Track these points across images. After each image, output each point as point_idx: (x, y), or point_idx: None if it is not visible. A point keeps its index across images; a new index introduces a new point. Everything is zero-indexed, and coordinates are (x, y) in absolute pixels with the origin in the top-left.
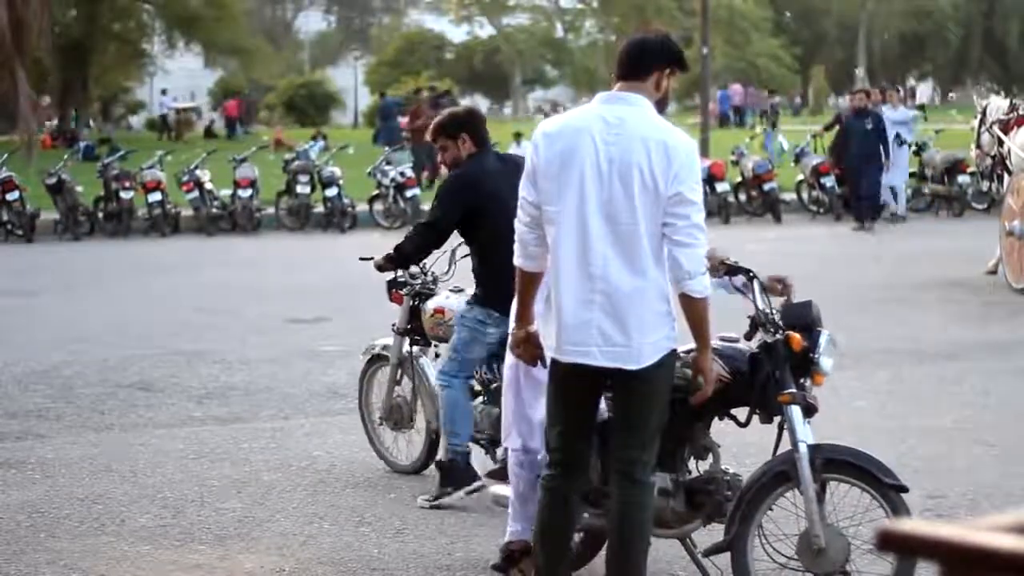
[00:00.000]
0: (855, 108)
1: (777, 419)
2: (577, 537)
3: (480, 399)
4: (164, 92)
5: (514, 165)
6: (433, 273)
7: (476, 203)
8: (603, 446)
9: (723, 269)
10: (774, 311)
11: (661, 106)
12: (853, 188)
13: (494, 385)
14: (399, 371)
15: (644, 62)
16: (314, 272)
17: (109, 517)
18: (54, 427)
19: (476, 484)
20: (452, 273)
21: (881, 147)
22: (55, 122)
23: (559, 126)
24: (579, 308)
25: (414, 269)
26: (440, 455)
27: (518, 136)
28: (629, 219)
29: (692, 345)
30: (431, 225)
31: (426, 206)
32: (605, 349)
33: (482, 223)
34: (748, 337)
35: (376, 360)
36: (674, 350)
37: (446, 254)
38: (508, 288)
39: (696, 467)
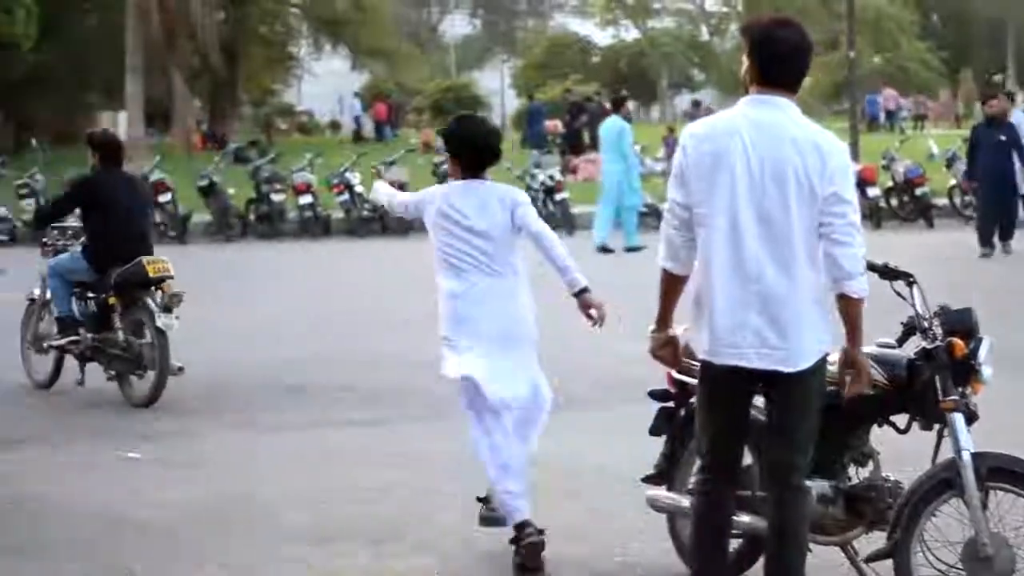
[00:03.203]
0: (987, 116)
1: (936, 426)
2: (735, 543)
3: None
4: (357, 95)
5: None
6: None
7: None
8: (759, 451)
9: (882, 273)
10: (934, 317)
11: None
12: (980, 209)
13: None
14: (42, 308)
15: (799, 71)
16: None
17: (263, 517)
18: (209, 426)
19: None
20: None
21: (1017, 162)
22: (205, 125)
23: (707, 128)
24: (734, 310)
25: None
26: None
27: (671, 130)
28: (783, 220)
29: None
30: (55, 204)
31: (576, 209)
32: (761, 351)
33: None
34: (900, 342)
35: (33, 302)
36: (827, 353)
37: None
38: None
39: (856, 474)
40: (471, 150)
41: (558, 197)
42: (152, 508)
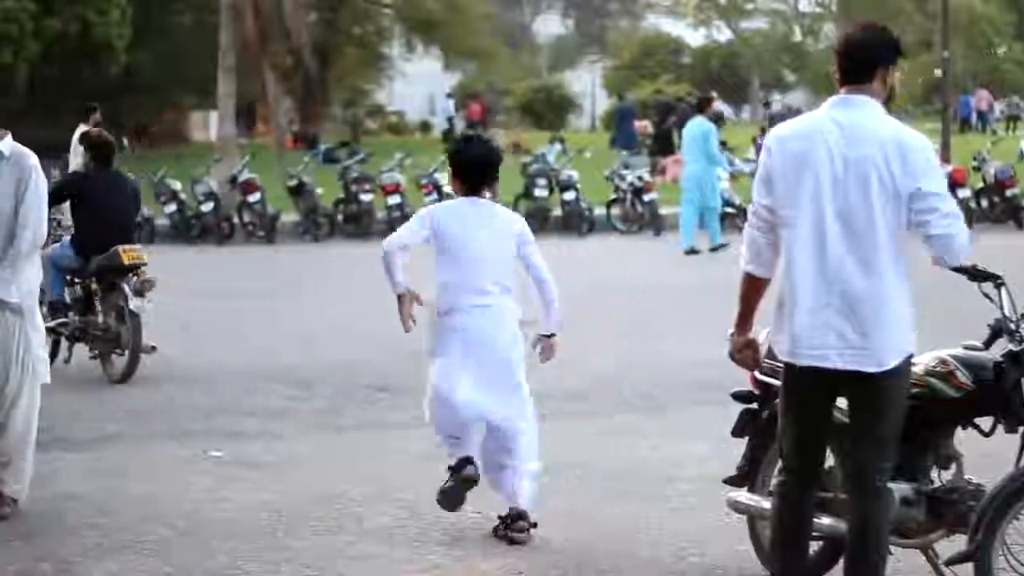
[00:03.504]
0: None
1: (1021, 429)
2: (815, 545)
3: None
4: (450, 95)
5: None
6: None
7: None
8: (841, 453)
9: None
10: (1022, 319)
11: (888, 101)
12: None
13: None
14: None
15: (868, 63)
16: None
17: (346, 517)
18: (292, 427)
19: None
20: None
21: None
22: (296, 125)
23: (792, 130)
24: (816, 310)
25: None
26: None
27: (763, 131)
28: (866, 220)
29: (933, 354)
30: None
31: (664, 210)
32: (843, 352)
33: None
34: (987, 345)
35: None
36: (911, 354)
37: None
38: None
39: (939, 476)
40: (472, 170)
41: (646, 198)
42: (233, 507)
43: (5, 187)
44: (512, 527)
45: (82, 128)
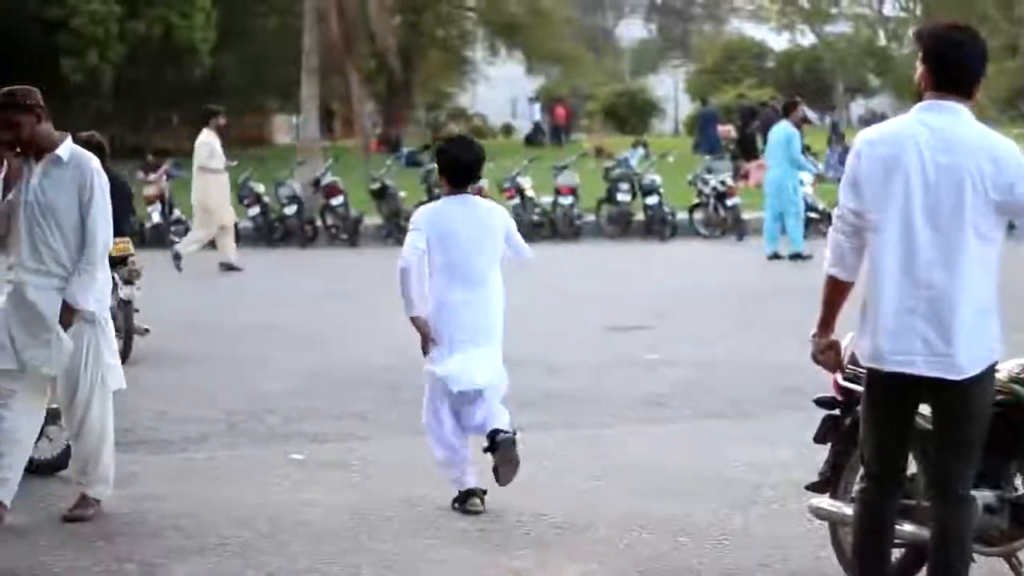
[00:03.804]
0: None
1: None
2: (897, 552)
3: None
4: (535, 99)
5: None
6: None
7: None
8: (924, 459)
9: None
10: None
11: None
12: None
13: None
14: None
15: (966, 80)
16: (634, 280)
17: (429, 520)
18: (376, 429)
19: None
20: None
21: None
22: (379, 128)
23: (881, 134)
24: (902, 316)
25: None
26: None
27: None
28: (956, 226)
29: (1018, 360)
30: None
31: (747, 215)
32: (928, 358)
33: None
34: None
35: None
36: (996, 362)
37: None
38: None
39: (1022, 484)
40: (458, 168)
41: (729, 202)
42: (316, 509)
43: (68, 194)
44: (466, 503)
45: (206, 132)
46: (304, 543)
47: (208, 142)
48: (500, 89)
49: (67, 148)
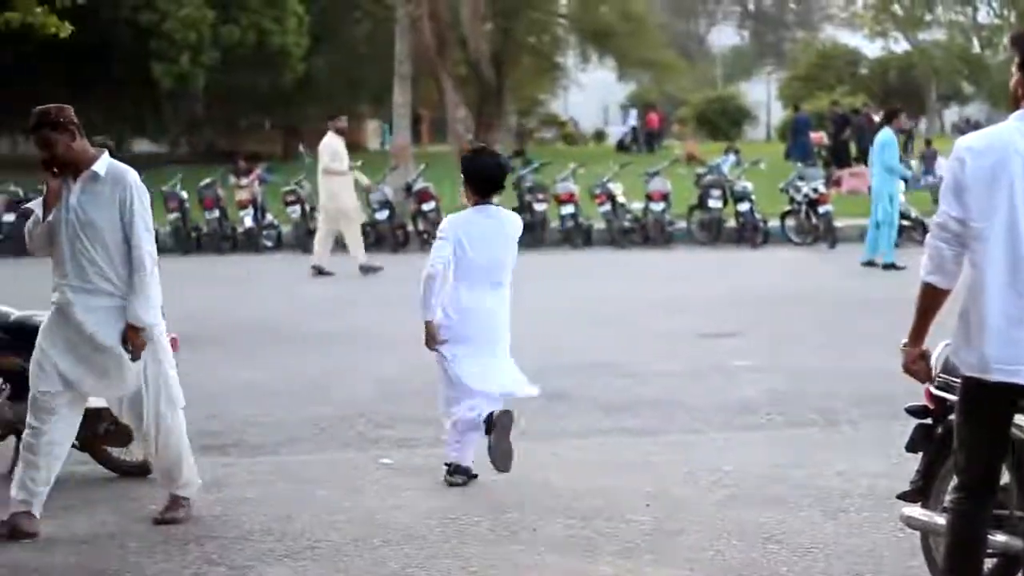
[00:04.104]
0: None
1: None
2: (989, 562)
3: None
4: (631, 105)
5: None
6: None
7: None
8: (1018, 470)
9: None
10: None
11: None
12: None
13: None
14: None
15: None
16: (726, 286)
17: (519, 526)
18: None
19: None
20: None
21: None
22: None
23: (982, 141)
24: (1008, 326)
25: None
26: None
27: (928, 143)
28: None
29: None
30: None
31: (839, 222)
32: None
33: None
34: None
35: None
36: None
37: None
38: None
39: None
40: (481, 180)
41: (821, 210)
42: (406, 514)
43: (108, 210)
44: (453, 475)
45: (329, 135)
46: (393, 547)
47: (331, 144)
48: (591, 95)
49: (103, 163)
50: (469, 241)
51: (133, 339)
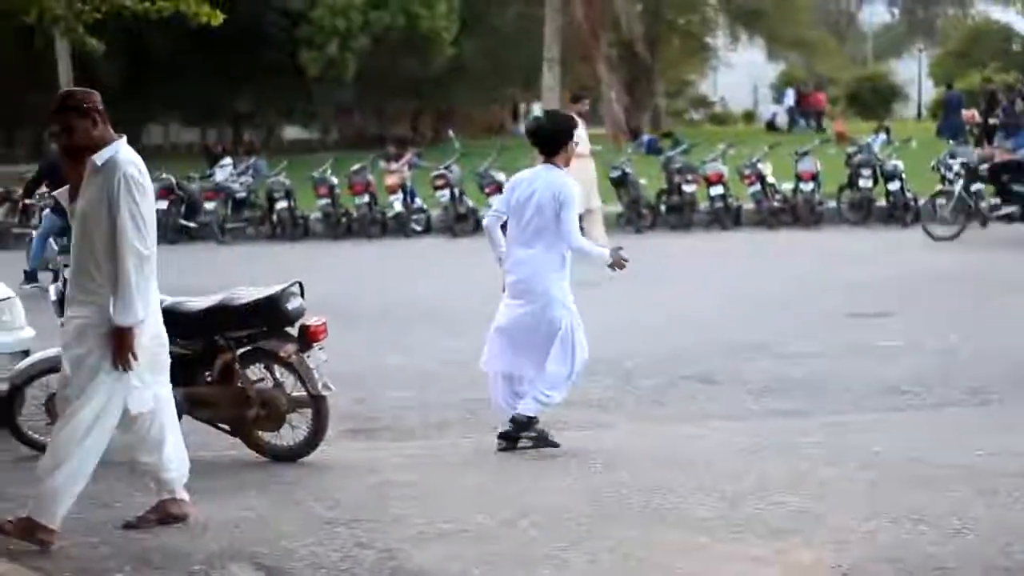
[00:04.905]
0: None
1: None
2: None
3: None
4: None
5: None
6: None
7: None
8: None
9: None
10: None
11: None
12: None
13: None
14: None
15: None
16: (876, 266)
17: (668, 508)
18: (616, 417)
19: None
20: None
21: None
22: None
23: None
24: None
25: None
26: None
27: None
28: None
29: None
30: (31, 180)
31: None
32: None
33: None
34: None
35: None
36: None
37: None
38: None
39: None
40: (539, 138)
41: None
42: (553, 496)
43: (97, 202)
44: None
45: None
46: (542, 530)
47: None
48: (741, 75)
49: (106, 152)
50: (516, 196)
51: (119, 345)
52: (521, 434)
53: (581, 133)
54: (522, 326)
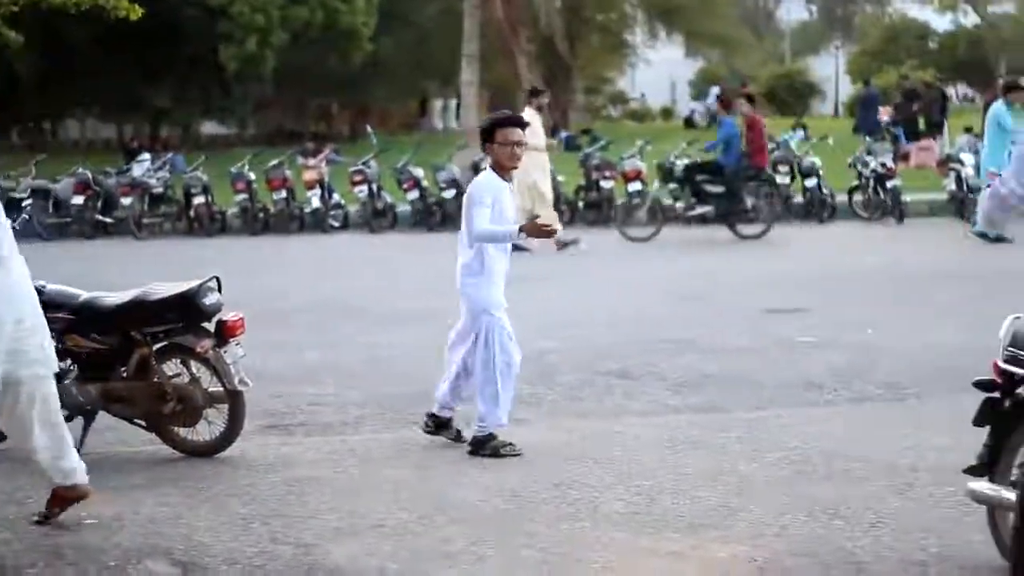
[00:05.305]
0: None
1: None
2: None
3: None
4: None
5: None
6: None
7: None
8: None
9: None
10: None
11: None
12: None
13: None
14: None
15: None
16: (793, 262)
17: (584, 503)
18: (533, 413)
19: None
20: None
21: None
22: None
23: None
24: None
25: None
26: None
27: None
28: None
29: None
30: None
31: (907, 196)
32: None
33: None
34: None
35: None
36: None
37: None
38: None
39: None
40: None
41: (889, 184)
42: (471, 491)
43: None
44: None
45: (528, 111)
46: (460, 525)
47: (528, 121)
48: (659, 72)
49: None
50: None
51: None
52: (479, 451)
53: (536, 128)
54: (461, 331)
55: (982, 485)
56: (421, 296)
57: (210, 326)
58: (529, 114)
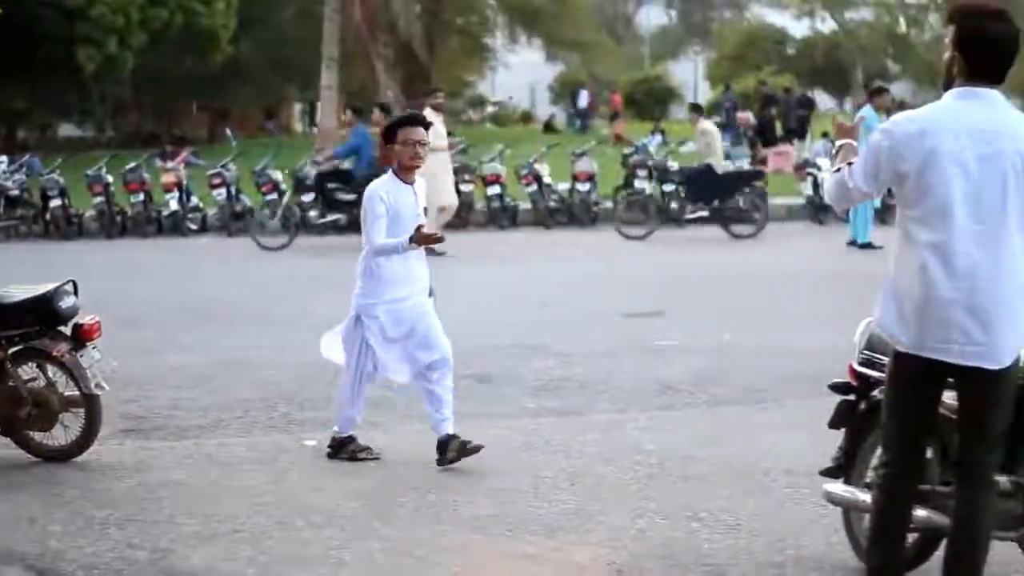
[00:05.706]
0: None
1: None
2: (910, 537)
3: None
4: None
5: None
6: None
7: None
8: (941, 445)
9: None
10: None
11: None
12: None
13: None
14: None
15: (1005, 67)
16: (650, 266)
17: (442, 506)
18: (388, 417)
19: None
20: None
21: None
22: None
23: (916, 122)
24: (942, 305)
25: None
26: None
27: None
28: (998, 217)
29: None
30: None
31: (772, 201)
32: (966, 347)
33: None
34: None
35: None
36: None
37: None
38: None
39: None
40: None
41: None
42: (327, 495)
43: None
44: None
45: (428, 111)
46: (318, 529)
47: (431, 121)
48: (518, 76)
49: None
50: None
51: None
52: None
53: (439, 128)
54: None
55: (838, 487)
56: (280, 300)
57: (66, 330)
58: (429, 114)
